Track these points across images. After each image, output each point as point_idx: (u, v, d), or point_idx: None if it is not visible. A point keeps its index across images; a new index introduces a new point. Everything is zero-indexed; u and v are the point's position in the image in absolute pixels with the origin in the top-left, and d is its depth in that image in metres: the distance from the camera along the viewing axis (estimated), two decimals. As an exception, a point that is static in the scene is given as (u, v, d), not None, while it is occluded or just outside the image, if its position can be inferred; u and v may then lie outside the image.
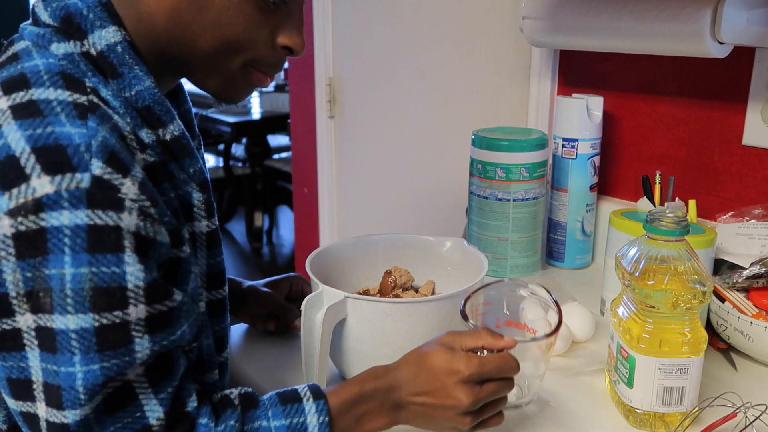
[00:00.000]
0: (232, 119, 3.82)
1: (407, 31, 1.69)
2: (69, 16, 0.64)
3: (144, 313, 0.58)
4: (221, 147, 4.50)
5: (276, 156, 4.33)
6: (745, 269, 0.94)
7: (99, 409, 0.58)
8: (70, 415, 0.57)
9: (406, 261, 0.98)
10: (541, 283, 1.09)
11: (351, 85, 1.91)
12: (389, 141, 1.83)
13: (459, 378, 0.67)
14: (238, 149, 4.57)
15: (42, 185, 0.55)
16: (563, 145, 1.21)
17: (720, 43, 0.99)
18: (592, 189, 1.24)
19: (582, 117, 1.19)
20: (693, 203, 1.11)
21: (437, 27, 1.61)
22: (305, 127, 2.13)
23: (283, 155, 4.37)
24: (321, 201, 2.11)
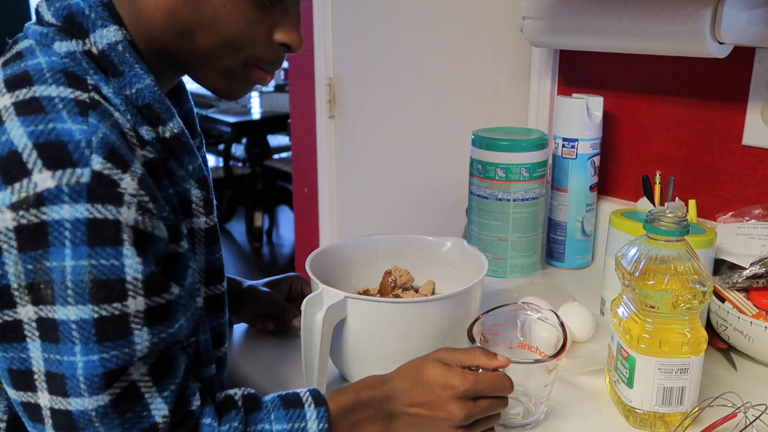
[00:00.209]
0: (232, 119, 3.81)
1: (407, 32, 1.69)
2: (71, 15, 0.65)
3: (143, 306, 0.59)
4: (221, 147, 4.50)
5: (276, 156, 4.33)
6: (745, 269, 0.94)
7: (107, 411, 0.59)
8: (74, 403, 0.58)
9: (406, 261, 0.98)
10: (541, 283, 1.10)
11: (351, 85, 1.91)
12: (389, 141, 1.83)
13: (454, 393, 0.69)
14: (238, 149, 4.57)
15: (43, 180, 0.56)
16: (563, 145, 1.21)
17: (720, 43, 0.99)
18: (592, 189, 1.24)
19: (582, 117, 1.19)
20: (693, 203, 1.11)
21: (437, 27, 1.61)
22: (305, 127, 2.13)
23: (283, 155, 4.37)
24: (321, 201, 2.11)
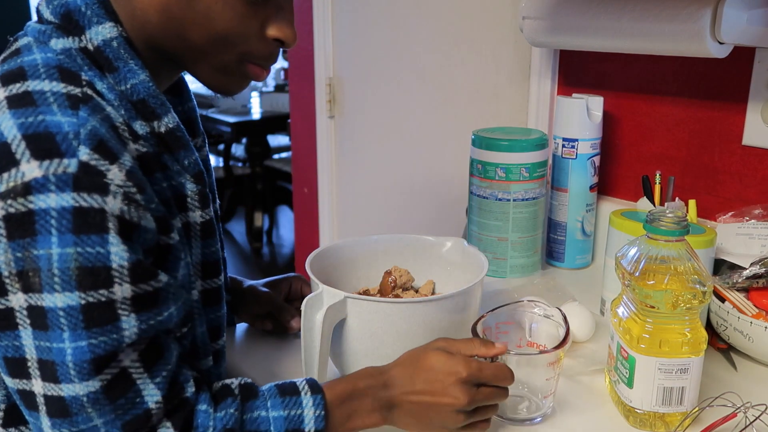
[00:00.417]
0: (232, 119, 3.81)
1: (407, 32, 1.69)
2: (68, 13, 0.67)
3: (129, 293, 0.60)
4: (221, 147, 4.50)
5: (276, 156, 4.32)
6: (745, 269, 0.94)
7: (98, 397, 0.59)
8: (66, 389, 0.59)
9: (406, 261, 0.98)
10: (541, 283, 1.10)
11: (351, 85, 1.91)
12: (389, 141, 1.83)
13: (458, 378, 0.69)
14: (238, 149, 4.57)
15: (31, 170, 0.57)
16: (563, 145, 1.21)
17: (720, 43, 0.99)
18: (592, 189, 1.24)
19: (582, 117, 1.19)
20: (693, 203, 1.11)
21: (437, 27, 1.61)
22: (305, 127, 2.13)
23: (283, 155, 4.36)
24: (321, 201, 2.11)
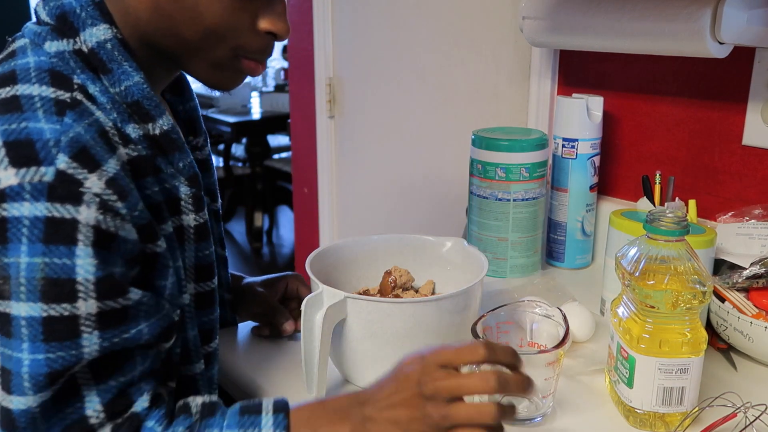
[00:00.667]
0: (232, 119, 3.81)
1: (407, 32, 1.69)
2: (64, 14, 0.66)
3: (94, 309, 0.59)
4: (221, 147, 4.50)
5: (276, 156, 4.32)
6: (745, 269, 0.94)
7: (47, 406, 0.59)
8: (15, 401, 0.58)
9: (406, 261, 0.98)
10: (541, 283, 1.10)
11: (351, 85, 1.91)
12: (389, 141, 1.83)
13: (413, 392, 0.61)
14: (238, 149, 4.57)
15: (7, 177, 0.57)
16: (563, 145, 1.21)
17: (720, 43, 0.99)
18: (592, 189, 1.24)
19: (582, 117, 1.19)
20: (693, 203, 1.11)
21: (437, 27, 1.61)
22: (305, 127, 2.13)
23: (283, 155, 4.36)
24: (321, 201, 2.11)
